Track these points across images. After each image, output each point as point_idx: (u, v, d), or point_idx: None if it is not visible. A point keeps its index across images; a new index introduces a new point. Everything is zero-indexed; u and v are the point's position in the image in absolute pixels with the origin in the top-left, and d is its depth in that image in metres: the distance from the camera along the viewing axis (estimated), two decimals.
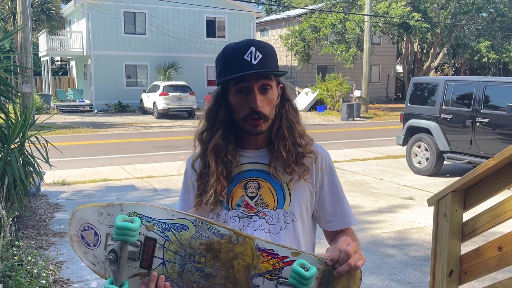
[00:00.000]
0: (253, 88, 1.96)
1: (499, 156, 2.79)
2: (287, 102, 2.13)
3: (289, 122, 2.09)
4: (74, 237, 1.89)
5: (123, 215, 1.73)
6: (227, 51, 2.01)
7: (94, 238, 1.85)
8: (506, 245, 2.84)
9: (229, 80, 1.99)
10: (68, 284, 6.12)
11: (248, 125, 2.00)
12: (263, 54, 1.95)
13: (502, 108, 10.91)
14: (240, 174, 2.08)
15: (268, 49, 2.00)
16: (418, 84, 13.54)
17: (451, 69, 48.59)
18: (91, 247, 1.87)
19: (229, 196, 2.06)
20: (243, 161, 2.10)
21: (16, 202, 7.68)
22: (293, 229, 2.06)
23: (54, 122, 25.42)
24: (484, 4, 37.46)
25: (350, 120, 29.11)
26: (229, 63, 1.98)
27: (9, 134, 7.87)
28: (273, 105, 2.03)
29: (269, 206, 2.04)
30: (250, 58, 1.93)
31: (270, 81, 1.99)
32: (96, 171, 13.17)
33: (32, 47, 21.36)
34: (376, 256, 7.08)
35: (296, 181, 2.06)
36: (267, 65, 1.95)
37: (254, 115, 1.96)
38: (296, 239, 2.07)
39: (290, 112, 2.12)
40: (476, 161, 11.32)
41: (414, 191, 11.10)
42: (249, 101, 1.96)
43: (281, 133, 2.06)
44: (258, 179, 2.07)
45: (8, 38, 9.20)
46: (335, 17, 35.35)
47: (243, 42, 1.99)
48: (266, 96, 1.99)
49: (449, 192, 3.18)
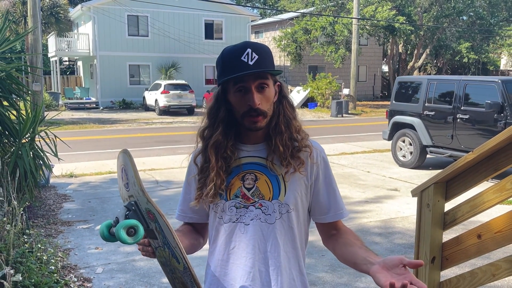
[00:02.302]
0: (251, 87, 1.95)
1: (478, 150, 2.80)
2: (284, 99, 2.13)
3: (286, 118, 2.09)
4: (119, 161, 1.97)
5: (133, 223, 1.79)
6: (225, 54, 2.01)
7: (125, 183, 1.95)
8: (485, 233, 2.84)
9: (229, 80, 1.99)
10: (75, 269, 6.11)
11: (247, 121, 2.00)
12: (259, 55, 1.95)
13: (481, 105, 10.92)
14: (239, 167, 2.08)
15: (264, 50, 2.00)
16: (403, 82, 13.55)
17: (434, 68, 48.59)
18: (123, 182, 1.98)
19: (227, 188, 2.07)
20: (242, 155, 2.10)
21: (27, 193, 7.67)
22: (288, 219, 2.06)
23: (62, 118, 25.34)
24: (465, 8, 37.48)
25: (339, 116, 29.09)
26: (227, 64, 1.98)
27: (20, 129, 7.86)
28: (270, 102, 2.03)
29: (265, 197, 2.04)
30: (247, 59, 1.93)
31: (267, 80, 1.99)
32: (102, 164, 13.13)
33: (41, 48, 21.32)
34: None
35: (291, 174, 2.05)
36: (263, 65, 1.95)
37: (252, 112, 1.96)
38: (290, 229, 2.08)
39: (287, 108, 2.12)
40: (457, 154, 11.34)
41: (399, 182, 11.11)
42: (247, 100, 1.96)
43: (278, 128, 2.06)
44: (255, 171, 2.07)
45: (19, 39, 9.17)
46: (325, 20, 35.41)
47: (240, 44, 1.99)
48: (264, 94, 1.98)
49: (432, 184, 3.18)
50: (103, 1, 34.52)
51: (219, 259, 2.11)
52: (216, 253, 2.13)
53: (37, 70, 18.38)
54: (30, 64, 18.45)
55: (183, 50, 36.80)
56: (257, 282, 2.04)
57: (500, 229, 2.73)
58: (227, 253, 2.09)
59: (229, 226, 2.07)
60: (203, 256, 2.25)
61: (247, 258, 2.05)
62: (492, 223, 2.79)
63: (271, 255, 2.04)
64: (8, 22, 9.01)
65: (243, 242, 2.05)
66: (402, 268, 1.68)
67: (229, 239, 2.08)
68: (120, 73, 35.66)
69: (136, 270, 6.07)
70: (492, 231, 2.79)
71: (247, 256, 2.05)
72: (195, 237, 2.23)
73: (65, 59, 47.25)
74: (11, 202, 5.94)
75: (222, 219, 2.09)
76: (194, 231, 2.25)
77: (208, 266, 2.19)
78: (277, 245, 2.04)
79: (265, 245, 2.04)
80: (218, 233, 2.12)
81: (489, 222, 2.82)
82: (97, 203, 9.22)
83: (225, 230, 2.09)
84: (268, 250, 2.04)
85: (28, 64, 16.80)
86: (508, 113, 10.40)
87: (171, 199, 9.45)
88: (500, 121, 10.52)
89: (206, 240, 2.29)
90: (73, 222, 8.10)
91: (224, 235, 2.09)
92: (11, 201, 6.00)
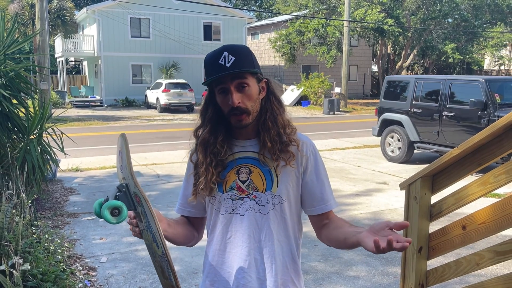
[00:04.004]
0: (229, 88, 1.97)
1: (463, 146, 2.80)
2: (272, 95, 2.12)
3: (273, 114, 2.09)
4: (118, 144, 1.99)
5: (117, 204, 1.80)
6: (207, 59, 2.03)
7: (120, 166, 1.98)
8: (469, 224, 2.84)
9: (211, 83, 2.02)
10: (81, 259, 6.11)
11: (233, 120, 2.02)
12: (236, 56, 1.96)
13: (466, 103, 10.94)
14: (234, 161, 2.10)
15: (241, 51, 2.00)
16: (391, 82, 13.55)
17: (421, 68, 48.56)
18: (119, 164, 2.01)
19: (223, 180, 2.08)
20: (236, 150, 2.11)
21: (35, 186, 7.66)
22: (281, 210, 2.07)
23: (68, 115, 25.32)
24: (450, 11, 37.46)
25: (331, 113, 29.08)
26: (208, 68, 2.01)
27: (29, 126, 7.85)
28: (253, 100, 2.02)
29: (259, 189, 2.05)
30: (224, 62, 1.95)
31: (245, 80, 1.99)
32: (106, 159, 13.13)
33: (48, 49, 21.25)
34: None
35: (282, 167, 2.06)
36: (239, 66, 1.96)
37: (235, 111, 1.98)
38: (283, 219, 2.09)
39: (275, 104, 2.11)
40: (443, 150, 11.35)
41: (387, 176, 11.12)
42: (228, 99, 1.97)
43: (266, 125, 2.07)
44: (249, 165, 2.08)
45: (28, 41, 9.14)
46: (318, 22, 35.37)
47: (219, 49, 2.01)
48: (244, 93, 1.99)
49: (419, 178, 3.18)
50: (107, 4, 34.52)
51: (217, 248, 2.14)
52: (213, 243, 2.15)
53: (45, 69, 18.32)
54: (38, 64, 18.40)
55: (183, 51, 36.75)
56: (253, 269, 2.06)
57: (483, 220, 2.74)
58: (224, 243, 2.11)
59: (226, 217, 2.10)
60: (202, 246, 2.26)
61: (243, 247, 2.07)
62: (476, 215, 2.79)
63: (265, 244, 2.06)
64: (17, 25, 8.99)
65: (239, 232, 2.07)
66: (389, 230, 1.70)
67: (225, 230, 2.10)
68: (123, 73, 35.61)
69: (139, 260, 6.07)
70: (476, 222, 2.79)
71: (243, 245, 2.07)
72: (189, 229, 2.24)
73: (71, 59, 47.27)
74: (20, 195, 5.94)
75: (219, 210, 2.11)
76: (190, 224, 2.27)
77: (206, 256, 2.21)
78: (270, 234, 2.06)
79: (260, 234, 2.06)
80: (216, 224, 2.14)
81: (473, 214, 2.82)
82: (101, 196, 9.15)
83: (222, 221, 2.11)
84: (262, 239, 2.06)
85: (36, 64, 16.77)
86: (491, 110, 10.42)
87: (172, 192, 9.46)
88: (484, 118, 10.53)
89: (202, 235, 2.32)
90: (79, 214, 8.10)
91: (221, 226, 2.11)
92: (20, 194, 5.99)
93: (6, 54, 7.99)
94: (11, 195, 6.17)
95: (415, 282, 3.25)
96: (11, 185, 6.40)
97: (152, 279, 5.50)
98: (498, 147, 2.69)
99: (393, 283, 5.42)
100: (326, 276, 5.63)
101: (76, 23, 36.28)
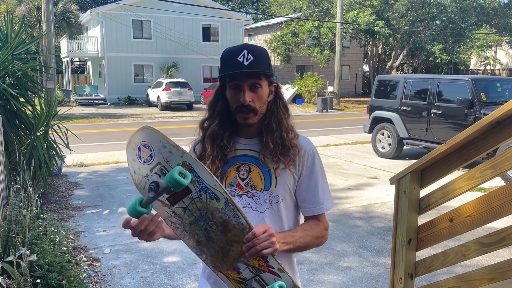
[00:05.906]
0: (243, 85, 1.94)
1: (450, 142, 2.79)
2: (279, 100, 2.10)
3: (278, 118, 2.07)
4: (132, 144, 1.86)
5: (180, 168, 1.65)
6: (225, 53, 2.00)
7: (147, 157, 1.82)
8: (456, 217, 2.84)
9: (225, 77, 1.98)
10: (85, 250, 6.11)
11: (239, 117, 1.99)
12: (254, 56, 1.93)
13: (453, 101, 10.95)
14: (235, 158, 2.08)
15: (260, 52, 1.98)
16: (382, 81, 13.55)
17: (410, 68, 48.58)
18: (141, 161, 1.83)
19: (223, 176, 2.06)
20: (238, 147, 2.09)
21: (41, 181, 7.67)
22: (277, 209, 2.06)
23: (73, 113, 25.28)
24: (438, 13, 37.46)
25: (324, 111, 29.07)
26: (225, 63, 1.97)
27: (35, 123, 7.85)
28: (263, 101, 2.00)
29: (257, 188, 2.04)
30: (243, 60, 1.92)
31: (260, 80, 1.96)
32: (109, 155, 13.10)
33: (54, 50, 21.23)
34: (346, 227, 7.09)
35: (282, 169, 2.04)
36: (257, 67, 1.93)
37: (243, 108, 1.95)
38: (279, 218, 2.07)
39: (281, 109, 2.09)
40: (431, 146, 11.38)
41: (378, 171, 11.13)
42: (239, 96, 1.95)
43: (270, 126, 2.05)
44: (249, 163, 2.07)
45: (34, 42, 9.12)
46: (312, 24, 35.37)
47: (239, 46, 1.98)
48: (256, 93, 1.96)
49: (408, 173, 3.17)
50: (110, 7, 34.50)
51: None
52: None
53: (51, 69, 18.30)
54: (44, 64, 18.36)
55: (183, 52, 36.71)
56: None
57: (470, 213, 2.73)
58: None
59: None
60: None
61: None
62: (463, 208, 2.79)
63: None
64: (24, 26, 8.97)
65: None
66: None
67: None
68: (125, 72, 35.56)
69: (140, 251, 6.07)
70: (463, 215, 2.79)
71: None
72: None
73: (76, 59, 47.18)
74: (27, 189, 5.93)
75: None
76: None
77: None
78: None
79: None
80: None
81: (460, 207, 2.82)
82: (105, 190, 9.19)
83: None
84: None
85: (42, 64, 16.70)
86: (477, 108, 10.43)
87: None
88: (470, 116, 10.55)
89: None
90: (83, 207, 8.08)
91: None
92: (27, 188, 5.99)
93: (14, 54, 7.99)
94: (18, 189, 6.17)
95: (405, 272, 3.25)
96: (18, 179, 6.40)
97: (153, 269, 5.50)
98: (483, 144, 2.68)
99: (384, 273, 5.43)
100: (320, 266, 5.63)
101: (81, 25, 36.18)
